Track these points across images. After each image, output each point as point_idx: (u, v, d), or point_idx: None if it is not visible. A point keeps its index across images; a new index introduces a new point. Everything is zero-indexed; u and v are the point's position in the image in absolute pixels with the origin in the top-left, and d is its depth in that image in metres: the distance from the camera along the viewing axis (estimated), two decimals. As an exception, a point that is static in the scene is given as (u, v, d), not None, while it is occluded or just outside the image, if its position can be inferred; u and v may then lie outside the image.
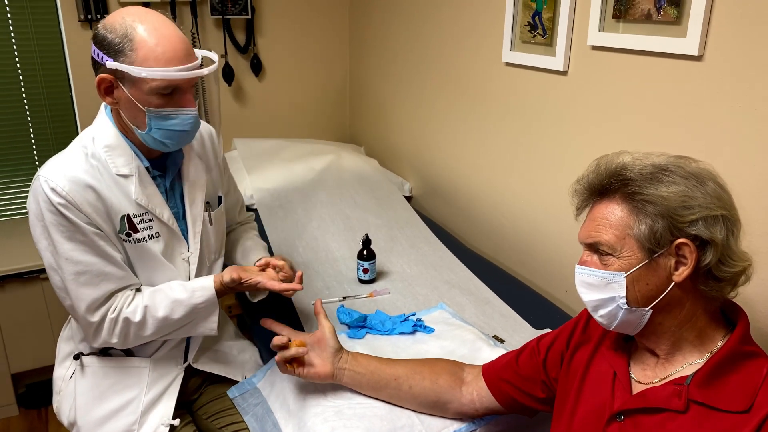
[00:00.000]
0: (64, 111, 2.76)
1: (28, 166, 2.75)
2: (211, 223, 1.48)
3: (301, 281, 1.43)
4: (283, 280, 1.44)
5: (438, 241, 2.25)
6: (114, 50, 1.18)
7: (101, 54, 1.20)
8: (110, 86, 1.23)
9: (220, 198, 1.54)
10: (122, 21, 1.19)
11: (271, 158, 2.76)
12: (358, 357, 1.31)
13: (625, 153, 0.97)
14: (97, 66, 1.23)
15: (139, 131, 1.27)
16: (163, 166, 1.39)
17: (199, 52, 1.30)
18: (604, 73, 1.62)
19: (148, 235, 1.35)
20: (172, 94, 1.24)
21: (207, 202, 1.48)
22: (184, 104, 1.26)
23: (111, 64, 1.19)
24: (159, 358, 1.44)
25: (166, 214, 1.37)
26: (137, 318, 1.31)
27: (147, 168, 1.34)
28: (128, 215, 1.31)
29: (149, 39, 1.18)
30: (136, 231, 1.33)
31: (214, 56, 1.33)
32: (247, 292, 1.60)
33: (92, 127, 1.34)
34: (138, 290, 1.36)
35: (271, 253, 2.05)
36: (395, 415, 1.26)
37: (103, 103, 1.35)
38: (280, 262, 1.47)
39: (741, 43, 1.26)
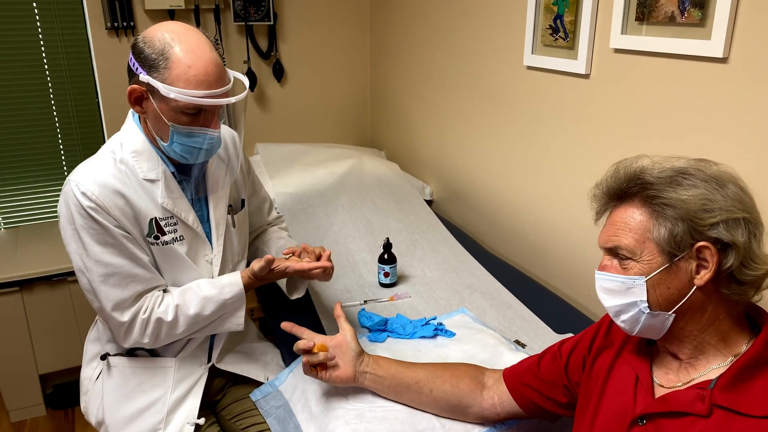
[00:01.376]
0: (91, 117, 2.81)
1: (57, 171, 2.81)
2: (234, 226, 1.51)
3: (329, 259, 1.46)
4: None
5: (459, 245, 2.24)
6: (149, 65, 1.22)
7: (137, 65, 1.24)
8: (140, 97, 1.27)
9: (243, 201, 1.57)
10: (162, 37, 1.22)
11: (293, 163, 2.79)
12: (380, 360, 1.32)
13: (645, 157, 0.97)
14: (131, 75, 1.26)
15: (162, 142, 1.31)
16: (189, 170, 1.42)
17: (233, 74, 1.32)
18: (627, 76, 1.61)
19: (173, 238, 1.38)
20: (198, 114, 1.27)
21: (230, 206, 1.50)
22: (208, 125, 1.29)
23: (144, 77, 1.22)
24: (184, 357, 1.47)
25: (191, 217, 1.40)
26: (169, 317, 1.35)
27: (173, 173, 1.37)
28: (156, 218, 1.34)
29: (184, 59, 1.21)
30: (164, 234, 1.36)
31: (246, 81, 1.35)
32: (285, 290, 1.63)
33: (120, 133, 1.38)
34: (165, 291, 1.39)
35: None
36: (416, 419, 1.27)
37: (131, 111, 1.38)
38: (310, 247, 1.50)
39: (767, 45, 1.24)
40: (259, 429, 1.47)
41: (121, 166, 1.33)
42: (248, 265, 1.60)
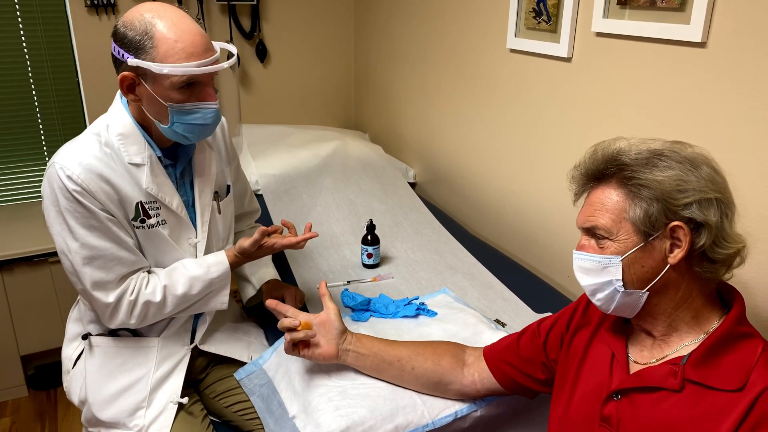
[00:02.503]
0: (71, 96, 2.78)
1: (36, 150, 2.78)
2: (219, 212, 1.51)
3: (311, 229, 1.48)
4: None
5: (441, 226, 2.26)
6: (135, 48, 1.20)
7: (122, 51, 1.22)
8: (132, 83, 1.25)
9: (228, 187, 1.57)
10: (141, 18, 1.20)
11: (277, 144, 2.78)
12: (362, 338, 1.33)
13: (622, 139, 0.99)
14: (118, 63, 1.24)
15: (162, 125, 1.29)
16: (175, 155, 1.42)
17: (218, 45, 1.31)
18: (608, 60, 1.62)
19: (155, 222, 1.37)
20: (193, 88, 1.26)
21: (216, 192, 1.50)
22: (205, 98, 1.28)
23: (132, 61, 1.20)
24: (166, 337, 1.47)
25: (175, 202, 1.39)
26: (158, 298, 1.36)
27: (159, 158, 1.37)
28: (141, 202, 1.34)
29: (169, 35, 1.19)
30: (149, 217, 1.36)
31: (233, 48, 1.34)
32: (242, 301, 1.69)
33: (107, 115, 1.36)
34: (149, 271, 1.39)
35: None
36: (398, 395, 1.29)
37: (119, 91, 1.36)
38: (290, 222, 1.52)
39: (744, 30, 1.27)
40: (243, 407, 1.48)
41: (107, 149, 1.31)
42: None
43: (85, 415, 1.47)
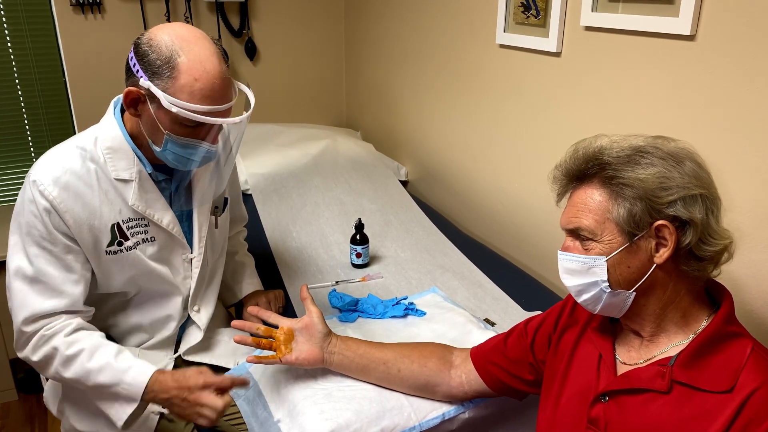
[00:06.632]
0: (58, 97, 2.75)
1: (24, 153, 2.76)
2: (216, 227, 1.48)
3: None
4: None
5: (432, 225, 2.24)
6: (152, 70, 1.15)
7: (138, 67, 1.16)
8: (137, 99, 1.20)
9: (226, 200, 1.53)
10: (170, 42, 1.14)
11: (266, 143, 2.76)
12: (348, 341, 1.31)
13: (603, 136, 0.97)
14: (130, 74, 1.19)
15: (154, 146, 1.25)
16: (170, 170, 1.37)
17: (239, 87, 1.26)
18: (598, 54, 1.60)
19: (142, 239, 1.33)
20: (197, 127, 1.21)
21: (215, 207, 1.47)
22: (206, 139, 1.23)
23: (145, 82, 1.15)
24: (148, 347, 1.44)
25: (166, 219, 1.35)
26: (69, 351, 1.24)
27: (150, 174, 1.32)
28: (118, 223, 1.29)
29: (191, 71, 1.14)
30: (127, 238, 1.31)
31: (251, 97, 1.28)
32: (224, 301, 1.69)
33: (97, 127, 1.30)
34: (83, 328, 1.30)
35: (266, 240, 2.06)
36: (385, 398, 1.27)
37: (113, 103, 1.32)
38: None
39: (733, 23, 1.25)
40: (228, 412, 1.45)
41: (91, 165, 1.26)
42: (227, 260, 1.63)
43: (64, 426, 1.44)
